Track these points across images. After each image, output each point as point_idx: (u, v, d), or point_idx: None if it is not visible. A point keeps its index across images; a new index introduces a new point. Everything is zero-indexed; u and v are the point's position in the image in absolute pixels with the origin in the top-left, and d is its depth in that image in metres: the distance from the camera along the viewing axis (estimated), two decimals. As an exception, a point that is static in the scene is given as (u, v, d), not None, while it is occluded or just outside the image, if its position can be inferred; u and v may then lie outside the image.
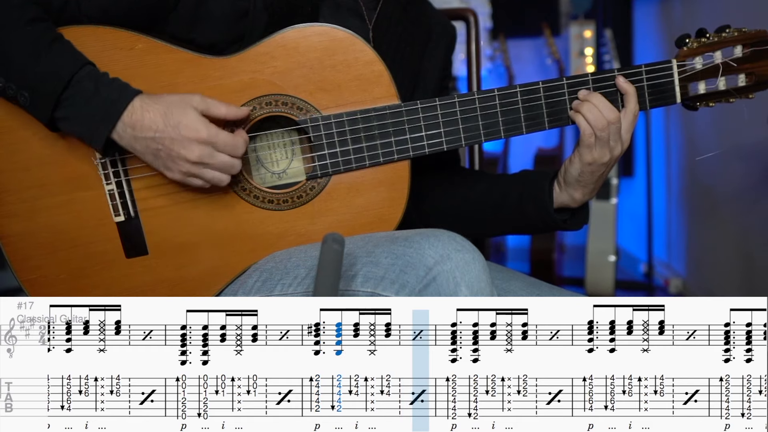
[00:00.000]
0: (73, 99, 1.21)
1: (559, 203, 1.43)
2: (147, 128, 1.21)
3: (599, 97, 1.34)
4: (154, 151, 1.22)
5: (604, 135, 1.34)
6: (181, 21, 1.31)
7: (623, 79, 1.35)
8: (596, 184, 1.40)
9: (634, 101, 1.35)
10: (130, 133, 1.21)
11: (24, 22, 1.21)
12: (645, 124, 4.65)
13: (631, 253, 5.00)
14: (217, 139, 1.22)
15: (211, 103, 1.24)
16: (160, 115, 1.21)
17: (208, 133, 1.21)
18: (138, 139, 1.22)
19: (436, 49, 1.56)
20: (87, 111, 1.21)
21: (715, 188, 3.73)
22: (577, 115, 1.35)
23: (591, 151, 1.35)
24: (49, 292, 1.30)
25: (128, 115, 1.21)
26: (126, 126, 1.21)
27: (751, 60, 1.36)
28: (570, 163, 1.38)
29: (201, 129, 1.21)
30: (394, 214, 1.35)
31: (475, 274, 1.12)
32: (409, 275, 1.13)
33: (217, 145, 1.22)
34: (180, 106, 1.22)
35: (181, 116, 1.21)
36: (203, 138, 1.21)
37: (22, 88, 1.21)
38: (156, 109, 1.21)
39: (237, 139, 1.24)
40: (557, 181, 1.43)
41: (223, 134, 1.23)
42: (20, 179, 1.29)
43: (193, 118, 1.21)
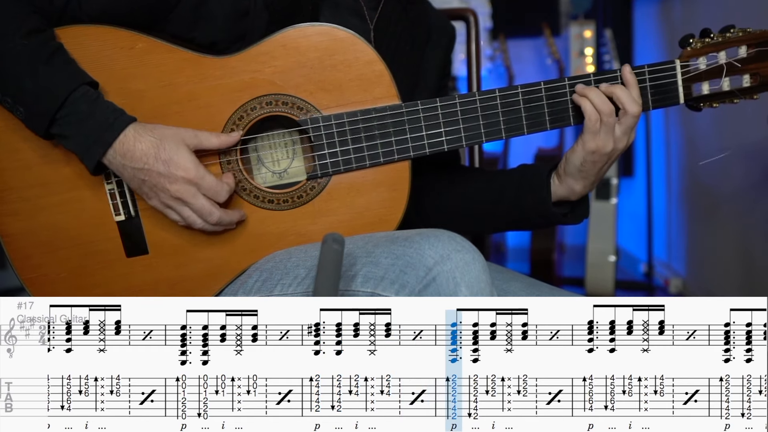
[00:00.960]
0: (68, 119, 1.21)
1: (557, 196, 1.42)
2: (137, 159, 1.22)
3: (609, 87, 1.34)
4: (140, 181, 1.24)
5: (610, 121, 1.32)
6: (182, 20, 1.31)
7: (629, 69, 1.34)
8: (597, 176, 1.38)
9: (636, 92, 1.33)
10: (120, 161, 1.23)
11: (22, 34, 1.20)
12: (645, 124, 4.65)
13: (631, 253, 5.01)
14: (202, 182, 1.24)
15: (203, 137, 1.25)
16: (152, 147, 1.22)
17: (196, 174, 1.23)
18: (126, 168, 1.23)
19: (435, 48, 1.56)
20: (80, 132, 1.21)
21: (715, 188, 3.73)
22: (583, 100, 1.33)
23: (595, 138, 1.33)
24: (50, 290, 1.30)
25: (120, 144, 1.22)
26: (117, 153, 1.22)
27: (756, 60, 1.35)
28: (572, 152, 1.37)
29: (190, 169, 1.23)
30: (394, 214, 1.35)
31: (475, 275, 1.12)
32: (409, 275, 1.13)
33: (201, 187, 1.24)
34: (173, 141, 1.23)
35: (172, 153, 1.23)
36: (190, 177, 1.23)
37: (17, 103, 1.22)
38: (149, 140, 1.22)
39: (221, 186, 1.26)
40: (556, 174, 1.42)
41: (209, 178, 1.24)
42: (21, 178, 1.29)
43: (184, 156, 1.23)
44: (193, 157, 1.24)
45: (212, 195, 1.25)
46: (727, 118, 3.34)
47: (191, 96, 1.29)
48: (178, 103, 1.29)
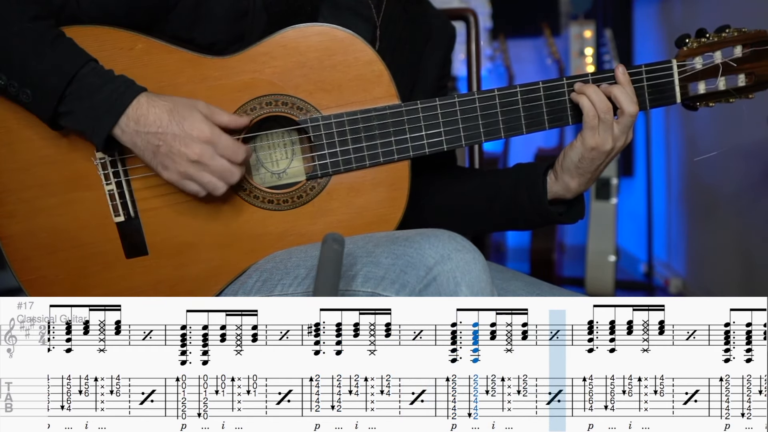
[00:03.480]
0: (78, 93, 1.20)
1: (553, 194, 1.42)
2: (151, 123, 1.21)
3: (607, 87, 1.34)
4: (155, 147, 1.22)
5: (608, 118, 1.33)
6: (181, 21, 1.31)
7: (622, 69, 1.35)
8: (593, 174, 1.38)
9: (631, 91, 1.34)
10: (133, 128, 1.21)
11: (26, 19, 1.21)
12: (645, 124, 4.65)
13: (631, 253, 5.01)
14: (219, 141, 1.22)
15: (215, 110, 1.25)
16: (165, 111, 1.21)
17: (212, 134, 1.21)
18: (140, 134, 1.21)
19: (435, 48, 1.56)
20: (91, 104, 1.21)
21: (715, 188, 3.73)
22: (581, 97, 1.34)
23: (594, 135, 1.33)
24: (49, 292, 1.30)
25: (133, 110, 1.21)
26: (130, 120, 1.21)
27: (751, 60, 1.36)
28: (571, 148, 1.37)
29: (204, 128, 1.21)
30: (394, 214, 1.35)
31: (475, 274, 1.12)
32: (409, 275, 1.13)
33: (218, 147, 1.22)
34: (186, 106, 1.23)
35: (186, 114, 1.22)
36: (206, 137, 1.21)
37: (24, 86, 1.21)
38: (162, 105, 1.22)
39: (239, 145, 1.24)
40: (553, 171, 1.42)
41: (225, 137, 1.23)
42: (20, 179, 1.29)
43: (198, 117, 1.22)
44: (207, 120, 1.23)
45: (230, 154, 1.23)
46: (727, 118, 3.34)
47: (191, 96, 1.29)
48: (178, 103, 1.29)
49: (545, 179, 1.42)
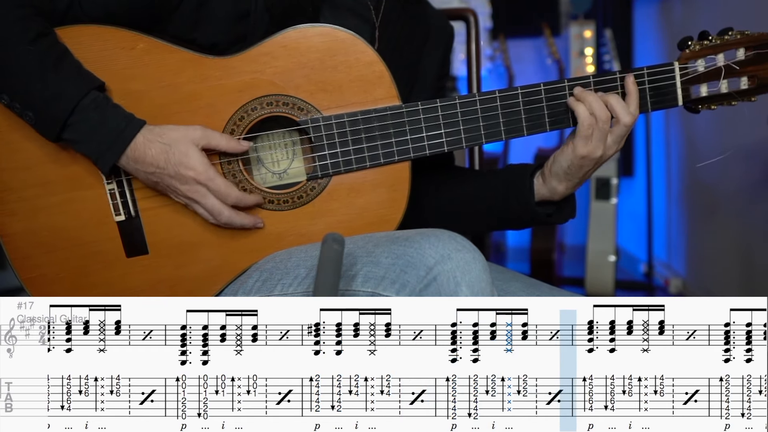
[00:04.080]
0: (79, 126, 1.23)
1: (540, 196, 1.42)
2: (149, 164, 1.25)
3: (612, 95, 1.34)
4: (154, 183, 1.28)
5: (605, 128, 1.32)
6: (183, 21, 1.31)
7: (632, 79, 1.34)
8: (581, 179, 1.38)
9: (635, 104, 1.34)
10: (133, 166, 1.26)
11: (28, 39, 1.21)
12: (645, 124, 4.65)
13: (631, 253, 5.01)
14: (211, 184, 1.26)
15: (212, 136, 1.27)
16: (162, 153, 1.24)
17: (206, 176, 1.26)
18: (139, 171, 1.26)
19: (434, 48, 1.56)
20: (93, 139, 1.24)
21: (715, 188, 3.73)
22: (579, 104, 1.33)
23: (587, 144, 1.33)
24: (50, 291, 1.30)
25: (131, 151, 1.24)
26: (129, 159, 1.25)
27: (754, 63, 1.36)
28: (561, 153, 1.37)
29: (200, 171, 1.25)
30: (394, 214, 1.35)
31: (475, 274, 1.12)
32: (409, 275, 1.13)
33: (210, 188, 1.26)
34: (183, 144, 1.25)
35: (182, 155, 1.25)
36: (200, 179, 1.25)
37: (26, 108, 1.23)
38: (158, 146, 1.24)
39: (230, 189, 1.28)
40: (541, 173, 1.42)
41: (218, 180, 1.27)
42: (21, 178, 1.29)
43: (194, 157, 1.25)
44: (204, 158, 1.26)
45: (221, 197, 1.27)
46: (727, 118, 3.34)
47: (192, 96, 1.29)
48: (179, 103, 1.29)
49: (532, 181, 1.42)
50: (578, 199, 1.47)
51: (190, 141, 1.25)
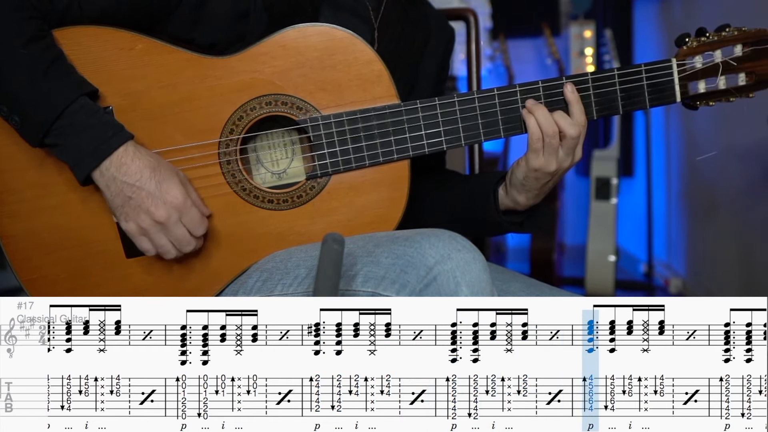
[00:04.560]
0: (64, 130, 1.21)
1: (504, 206, 1.43)
2: (131, 174, 1.22)
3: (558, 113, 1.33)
4: (125, 198, 1.23)
5: (553, 142, 1.32)
6: (182, 21, 1.31)
7: (571, 87, 1.34)
8: (541, 190, 1.38)
9: (578, 113, 1.33)
10: (113, 173, 1.22)
11: (21, 42, 1.20)
12: (645, 124, 4.64)
13: (631, 253, 5.00)
14: (187, 212, 1.24)
15: (189, 187, 1.27)
16: (148, 167, 1.22)
17: (184, 203, 1.24)
18: (116, 181, 1.22)
19: (434, 51, 1.56)
20: (76, 143, 1.21)
21: (715, 188, 3.73)
22: (529, 117, 1.33)
23: (538, 157, 1.33)
24: (50, 292, 1.30)
25: (118, 157, 1.22)
26: (112, 164, 1.22)
27: (752, 59, 1.36)
28: (517, 166, 1.37)
29: (179, 195, 1.23)
30: (394, 213, 1.35)
31: (475, 274, 1.12)
32: (409, 275, 1.13)
33: (184, 217, 1.24)
34: (168, 169, 1.25)
35: (166, 176, 1.23)
36: (177, 204, 1.23)
37: (13, 113, 1.21)
38: (147, 160, 1.23)
39: (203, 221, 1.27)
40: (504, 184, 1.42)
41: (195, 211, 1.25)
42: (21, 179, 1.29)
43: (176, 183, 1.24)
44: (183, 189, 1.24)
45: (193, 227, 1.25)
46: (727, 118, 3.34)
47: (191, 96, 1.29)
48: (179, 103, 1.29)
49: (497, 191, 1.42)
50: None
51: (174, 171, 1.25)
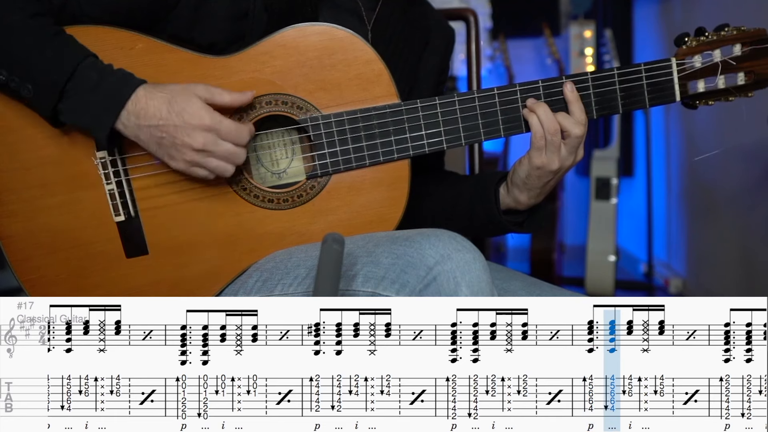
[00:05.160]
0: (77, 89, 1.21)
1: (505, 206, 1.43)
2: (151, 116, 1.21)
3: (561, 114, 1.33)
4: (158, 139, 1.22)
5: (555, 140, 1.32)
6: (182, 20, 1.31)
7: (570, 87, 1.34)
8: (542, 189, 1.38)
9: (579, 112, 1.33)
10: (134, 122, 1.22)
11: (26, 15, 1.21)
12: (645, 123, 4.64)
13: (631, 253, 5.00)
14: (221, 127, 1.22)
15: (215, 91, 1.24)
16: (164, 103, 1.21)
17: (212, 120, 1.21)
18: (142, 128, 1.22)
19: (433, 52, 1.56)
20: (91, 100, 1.21)
21: (715, 188, 3.73)
22: (531, 115, 1.34)
23: (541, 155, 1.34)
24: (50, 292, 1.30)
25: (132, 104, 1.21)
26: (130, 114, 1.21)
27: (751, 58, 1.36)
28: (519, 164, 1.37)
29: (205, 116, 1.21)
30: (394, 213, 1.35)
31: (475, 274, 1.12)
32: (409, 275, 1.13)
33: (221, 132, 1.22)
34: (184, 95, 1.22)
35: (185, 104, 1.21)
36: (207, 125, 1.21)
37: (25, 81, 1.21)
38: (160, 97, 1.21)
39: (241, 128, 1.24)
40: (506, 183, 1.42)
41: (227, 122, 1.23)
42: (21, 179, 1.29)
43: (197, 105, 1.22)
44: (207, 106, 1.22)
45: (234, 138, 1.23)
46: (727, 118, 3.34)
47: (191, 96, 1.29)
48: (178, 103, 1.29)
49: (498, 190, 1.42)
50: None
51: (192, 93, 1.23)
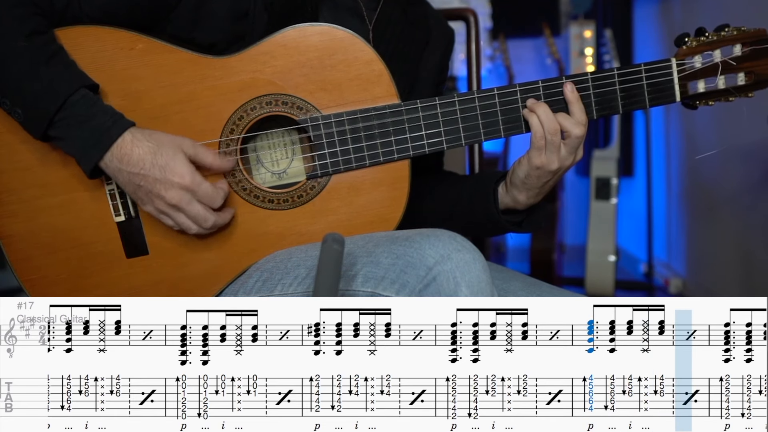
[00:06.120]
0: (66, 122, 1.21)
1: (504, 205, 1.43)
2: (134, 164, 1.22)
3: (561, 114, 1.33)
4: (136, 186, 1.24)
5: (555, 140, 1.32)
6: (182, 20, 1.31)
7: (570, 87, 1.34)
8: (542, 189, 1.38)
9: (579, 112, 1.33)
10: (116, 165, 1.22)
11: (23, 36, 1.21)
12: (645, 123, 4.64)
13: (631, 253, 5.00)
14: (198, 189, 1.24)
15: (200, 150, 1.26)
16: (149, 153, 1.22)
17: (192, 182, 1.23)
18: (122, 172, 1.23)
19: (433, 52, 1.56)
20: (79, 135, 1.22)
21: (715, 188, 3.73)
22: (531, 115, 1.34)
23: (540, 155, 1.34)
24: (50, 292, 1.30)
25: (117, 148, 1.22)
26: (113, 157, 1.22)
27: (751, 59, 1.36)
28: (519, 164, 1.37)
29: (186, 175, 1.23)
30: (394, 213, 1.35)
31: (475, 274, 1.12)
32: (409, 275, 1.13)
33: (197, 194, 1.24)
34: (170, 148, 1.23)
35: (169, 159, 1.22)
36: (186, 185, 1.23)
37: (16, 105, 1.22)
38: (146, 147, 1.22)
39: (217, 192, 1.26)
40: (505, 183, 1.42)
41: (205, 185, 1.24)
42: (21, 179, 1.29)
43: (180, 162, 1.23)
44: (190, 165, 1.24)
45: (208, 201, 1.25)
46: (727, 118, 3.34)
47: (191, 96, 1.29)
48: (179, 103, 1.29)
49: (497, 189, 1.42)
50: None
51: (178, 147, 1.24)
